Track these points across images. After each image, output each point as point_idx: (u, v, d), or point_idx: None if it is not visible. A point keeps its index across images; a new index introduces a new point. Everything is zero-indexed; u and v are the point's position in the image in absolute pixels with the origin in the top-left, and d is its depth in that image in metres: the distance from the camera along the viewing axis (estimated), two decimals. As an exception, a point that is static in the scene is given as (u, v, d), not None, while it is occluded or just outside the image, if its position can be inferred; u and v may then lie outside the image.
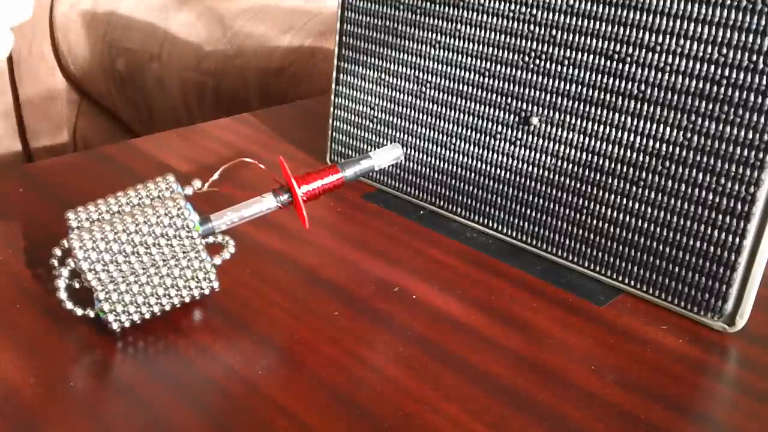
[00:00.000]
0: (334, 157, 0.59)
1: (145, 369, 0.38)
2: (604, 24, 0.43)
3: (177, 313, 0.42)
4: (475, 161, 0.50)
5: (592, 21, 0.43)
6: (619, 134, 0.43)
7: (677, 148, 0.41)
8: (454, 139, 0.51)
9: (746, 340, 0.41)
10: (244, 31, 1.02)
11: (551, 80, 0.45)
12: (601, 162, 0.44)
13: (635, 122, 0.43)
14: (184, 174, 0.59)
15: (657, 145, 0.42)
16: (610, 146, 0.44)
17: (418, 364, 0.39)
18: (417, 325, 0.42)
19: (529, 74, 0.46)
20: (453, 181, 0.52)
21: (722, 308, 0.41)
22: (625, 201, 0.44)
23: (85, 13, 1.29)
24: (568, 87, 0.45)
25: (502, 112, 0.48)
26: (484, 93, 0.49)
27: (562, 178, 0.46)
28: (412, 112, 0.53)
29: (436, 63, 0.51)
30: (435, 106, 0.52)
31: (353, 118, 0.57)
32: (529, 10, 0.46)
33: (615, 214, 0.44)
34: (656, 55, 0.41)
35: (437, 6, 0.50)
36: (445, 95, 0.51)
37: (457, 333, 0.41)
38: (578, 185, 0.46)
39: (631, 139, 0.43)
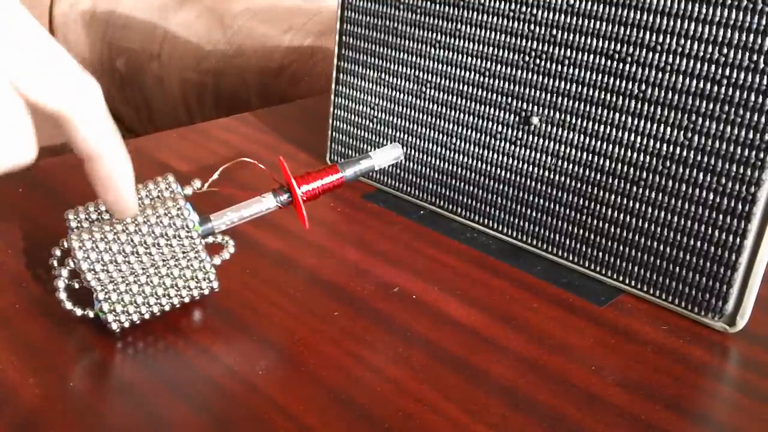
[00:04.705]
0: (334, 157, 0.59)
1: (144, 369, 0.38)
2: (604, 24, 0.43)
3: (176, 314, 0.42)
4: (475, 161, 0.50)
5: (592, 20, 0.43)
6: (620, 134, 0.43)
7: (678, 148, 0.41)
8: (454, 139, 0.51)
9: (747, 341, 0.41)
10: (243, 31, 1.02)
11: (552, 80, 0.45)
12: (601, 162, 0.44)
13: (636, 122, 0.42)
14: (184, 174, 0.59)
15: (657, 145, 0.42)
16: (611, 146, 0.44)
17: (418, 364, 0.39)
18: (417, 325, 0.42)
19: (530, 74, 0.46)
20: (453, 181, 0.52)
21: (723, 308, 0.41)
22: (625, 201, 0.44)
23: (84, 13, 1.29)
24: (568, 87, 0.45)
25: (502, 111, 0.48)
26: (485, 93, 0.49)
27: (563, 178, 0.46)
28: (412, 112, 0.53)
29: (436, 63, 0.51)
30: (435, 105, 0.52)
31: (353, 118, 0.57)
32: (529, 9, 0.46)
33: (615, 214, 0.44)
34: (657, 55, 0.41)
35: (437, 5, 0.50)
36: (446, 95, 0.51)
37: (457, 333, 0.41)
38: (579, 185, 0.46)
39: (632, 138, 0.43)
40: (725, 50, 0.39)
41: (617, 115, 0.43)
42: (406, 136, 0.54)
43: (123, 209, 0.36)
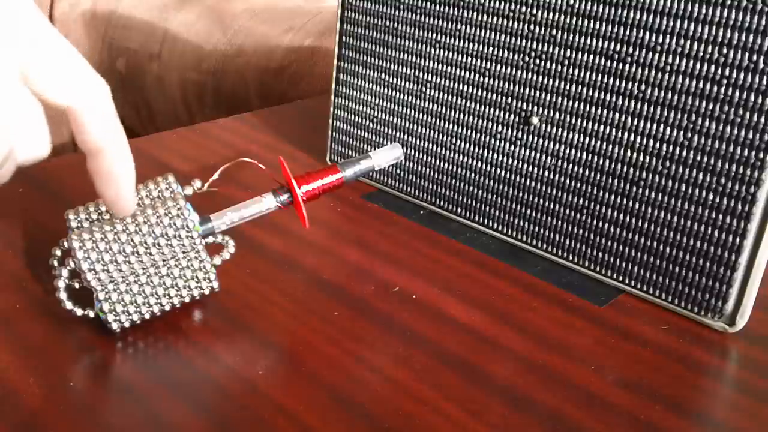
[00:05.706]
0: (334, 157, 0.59)
1: (144, 369, 0.38)
2: (604, 24, 0.43)
3: (177, 314, 0.42)
4: (475, 161, 0.50)
5: (592, 21, 0.43)
6: (620, 134, 0.43)
7: (677, 148, 0.41)
8: (454, 139, 0.51)
9: (747, 340, 0.41)
10: (243, 31, 1.02)
11: (551, 80, 0.45)
12: (601, 162, 0.44)
13: (635, 122, 0.42)
14: (184, 174, 0.59)
15: (657, 145, 0.42)
16: (611, 146, 0.44)
17: (418, 364, 0.39)
18: (417, 325, 0.42)
19: (530, 74, 0.46)
20: (453, 181, 0.52)
21: (722, 308, 0.41)
22: (625, 201, 0.44)
23: (85, 13, 1.29)
24: (568, 87, 0.45)
25: (502, 112, 0.48)
26: (485, 93, 0.49)
27: (563, 178, 0.46)
28: (412, 112, 0.53)
29: (436, 63, 0.51)
30: (435, 106, 0.52)
31: (353, 118, 0.57)
32: (529, 9, 0.46)
33: (615, 214, 0.44)
34: (656, 55, 0.41)
35: (437, 6, 0.50)
36: (445, 95, 0.51)
37: (457, 333, 0.41)
38: (578, 185, 0.46)
39: (632, 139, 0.43)
40: (725, 50, 0.39)
41: (617, 115, 0.43)
42: (406, 136, 0.54)
43: (122, 207, 0.37)
